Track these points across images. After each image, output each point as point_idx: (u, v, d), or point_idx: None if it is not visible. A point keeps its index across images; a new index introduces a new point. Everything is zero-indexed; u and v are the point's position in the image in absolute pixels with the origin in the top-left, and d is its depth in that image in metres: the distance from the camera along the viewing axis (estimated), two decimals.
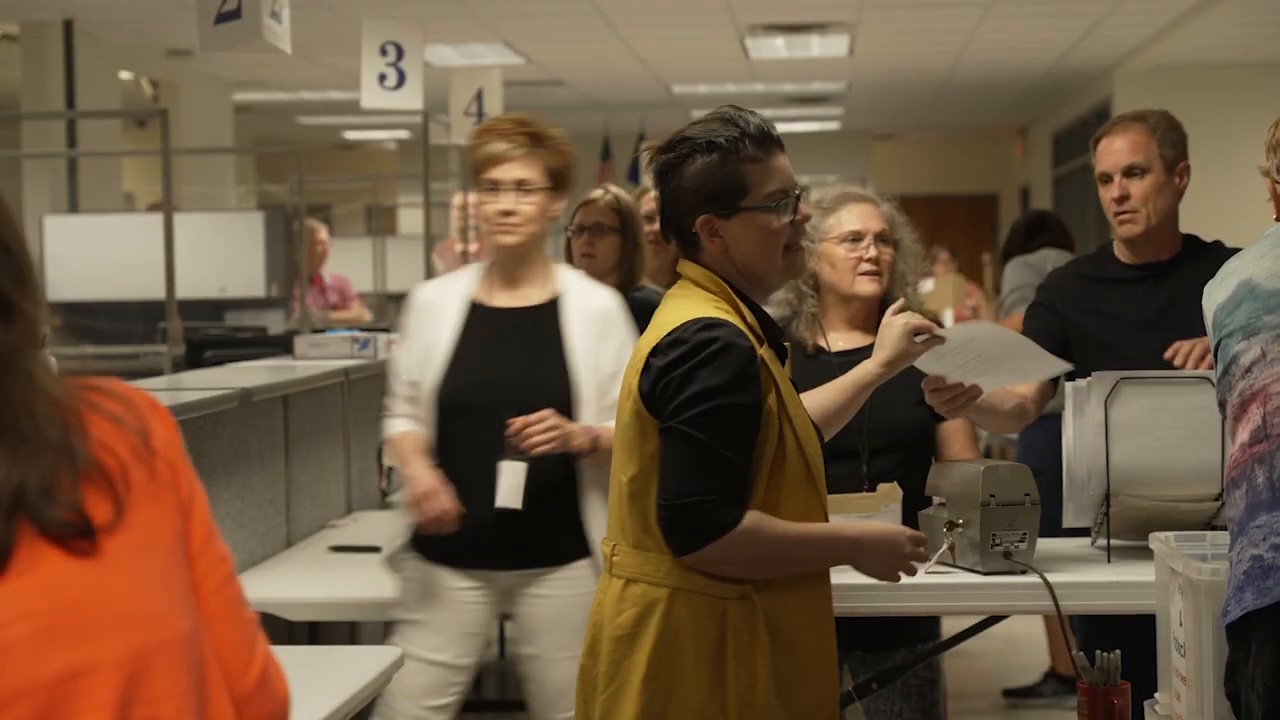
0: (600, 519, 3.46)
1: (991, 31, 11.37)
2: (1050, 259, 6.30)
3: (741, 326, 2.50)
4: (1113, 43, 12.04)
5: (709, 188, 2.53)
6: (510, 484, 3.38)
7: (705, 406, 2.44)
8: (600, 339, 3.52)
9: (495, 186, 3.52)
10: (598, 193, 4.46)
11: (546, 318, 3.54)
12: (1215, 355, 2.70)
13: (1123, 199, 3.57)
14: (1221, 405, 2.70)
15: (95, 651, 1.45)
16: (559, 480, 3.44)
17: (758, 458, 2.48)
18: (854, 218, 3.51)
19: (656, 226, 4.81)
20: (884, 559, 2.60)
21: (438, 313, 3.57)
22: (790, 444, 2.50)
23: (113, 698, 1.44)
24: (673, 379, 2.46)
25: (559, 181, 3.57)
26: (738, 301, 2.55)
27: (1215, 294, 2.73)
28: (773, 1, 10.24)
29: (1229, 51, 12.06)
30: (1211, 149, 3.72)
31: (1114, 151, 3.60)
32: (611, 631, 2.52)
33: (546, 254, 3.66)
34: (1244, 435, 2.55)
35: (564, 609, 3.49)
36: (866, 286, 3.51)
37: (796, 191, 2.57)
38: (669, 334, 2.49)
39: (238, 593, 1.60)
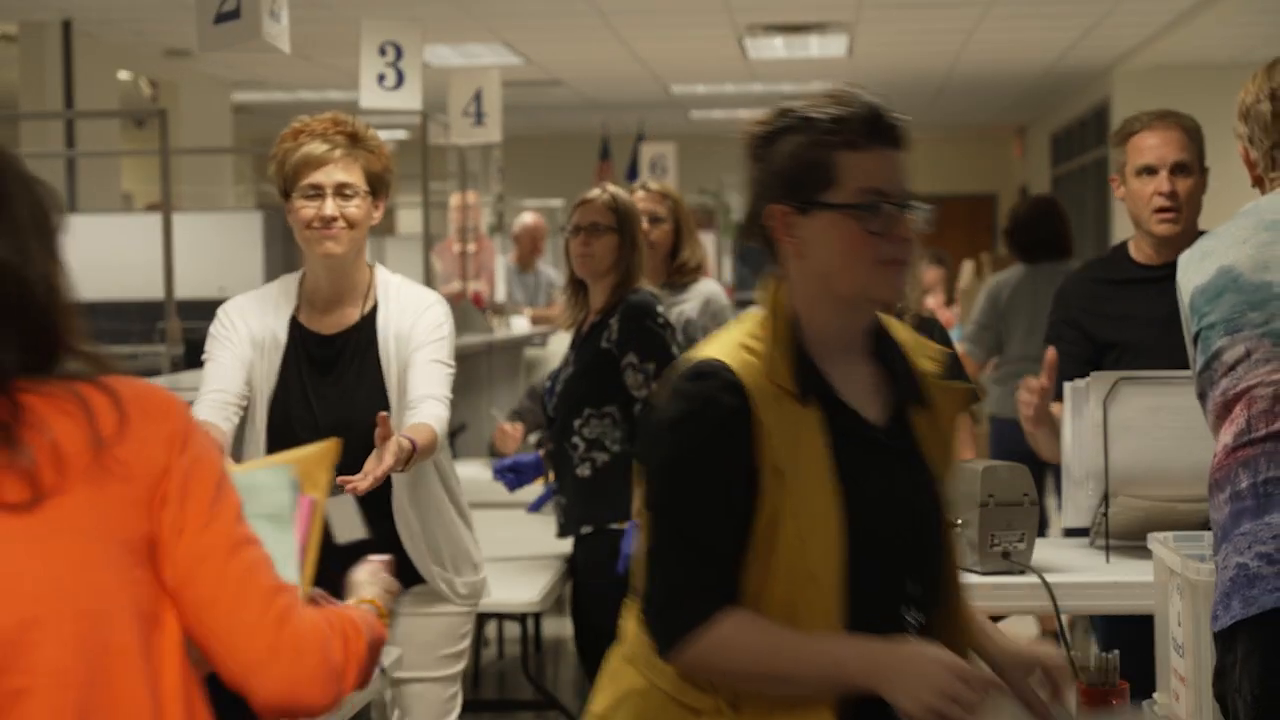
0: (416, 541, 3.26)
1: (990, 31, 11.37)
2: (1011, 282, 6.32)
3: (755, 374, 2.01)
4: (1111, 43, 12.03)
5: (790, 172, 2.05)
6: (344, 518, 3.10)
7: (666, 480, 2.03)
8: (406, 349, 3.25)
9: (317, 192, 3.23)
10: (595, 192, 4.41)
11: (363, 339, 3.28)
12: (1195, 344, 2.62)
13: (1172, 194, 3.52)
14: (1201, 397, 2.63)
15: None
16: (381, 506, 3.20)
17: (749, 542, 2.01)
18: None
19: (644, 226, 4.83)
20: (913, 690, 1.94)
21: (262, 331, 3.30)
22: (787, 532, 1.99)
23: None
24: (645, 441, 2.09)
25: (377, 187, 3.29)
26: (778, 337, 2.05)
27: (1191, 274, 2.62)
28: (771, 2, 10.24)
29: (1228, 51, 12.06)
30: (1210, 149, 3.72)
31: (1160, 146, 3.55)
32: (592, 705, 2.17)
33: (366, 260, 3.40)
34: (1227, 437, 2.50)
35: (407, 630, 3.33)
36: None
37: (902, 201, 2.05)
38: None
39: (241, 570, 1.66)
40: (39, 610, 1.57)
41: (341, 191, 3.23)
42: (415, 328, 3.26)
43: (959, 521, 3.14)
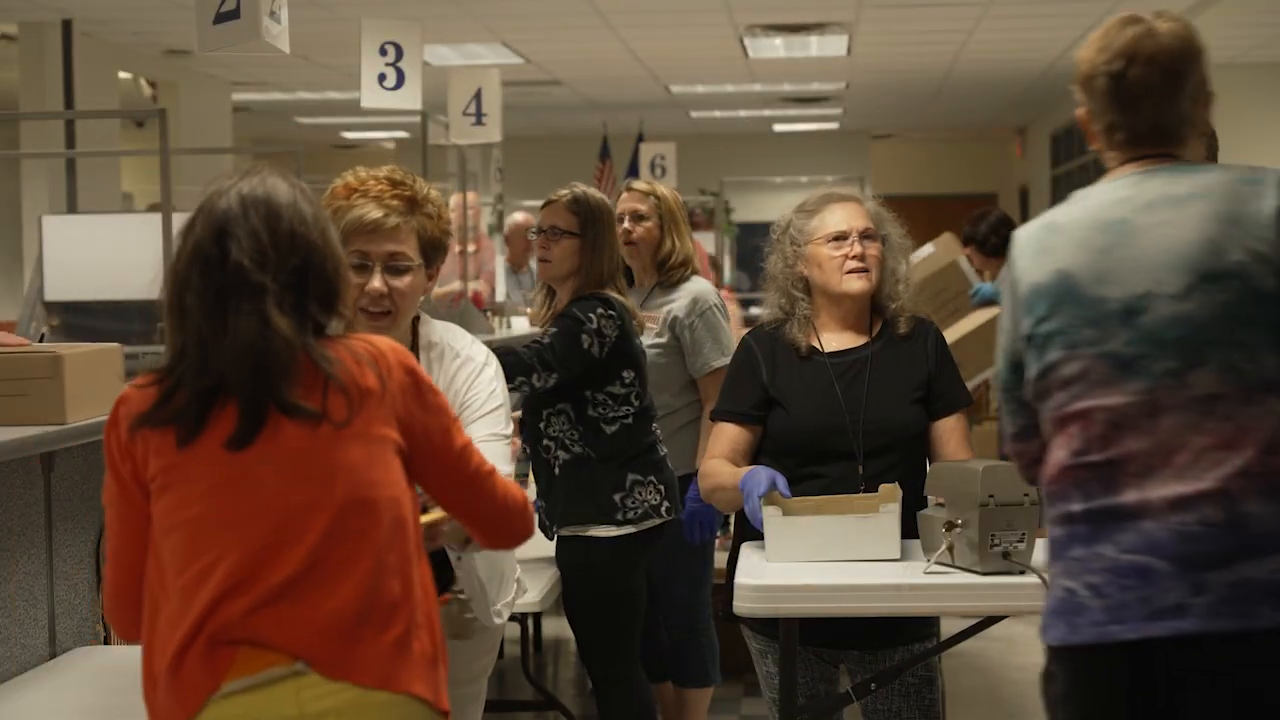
0: (465, 572, 3.09)
1: (989, 31, 11.38)
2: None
3: None
4: None
5: None
6: None
7: None
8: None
9: (365, 261, 3.02)
10: (561, 192, 4.27)
11: None
12: (1027, 339, 2.47)
13: None
14: (1035, 400, 2.49)
15: (320, 494, 2.25)
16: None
17: None
18: (838, 218, 3.52)
19: (626, 225, 4.77)
20: None
21: None
22: None
23: (326, 527, 2.24)
24: None
25: (432, 255, 3.10)
26: None
27: (1029, 265, 2.48)
28: (771, 2, 10.25)
29: (1229, 51, 12.06)
30: None
31: None
32: None
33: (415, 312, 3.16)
34: (1062, 453, 2.42)
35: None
36: (855, 284, 3.51)
37: None
38: None
39: (475, 463, 2.47)
40: (364, 492, 2.27)
41: (391, 264, 3.04)
42: (469, 398, 3.10)
43: (959, 521, 3.14)
